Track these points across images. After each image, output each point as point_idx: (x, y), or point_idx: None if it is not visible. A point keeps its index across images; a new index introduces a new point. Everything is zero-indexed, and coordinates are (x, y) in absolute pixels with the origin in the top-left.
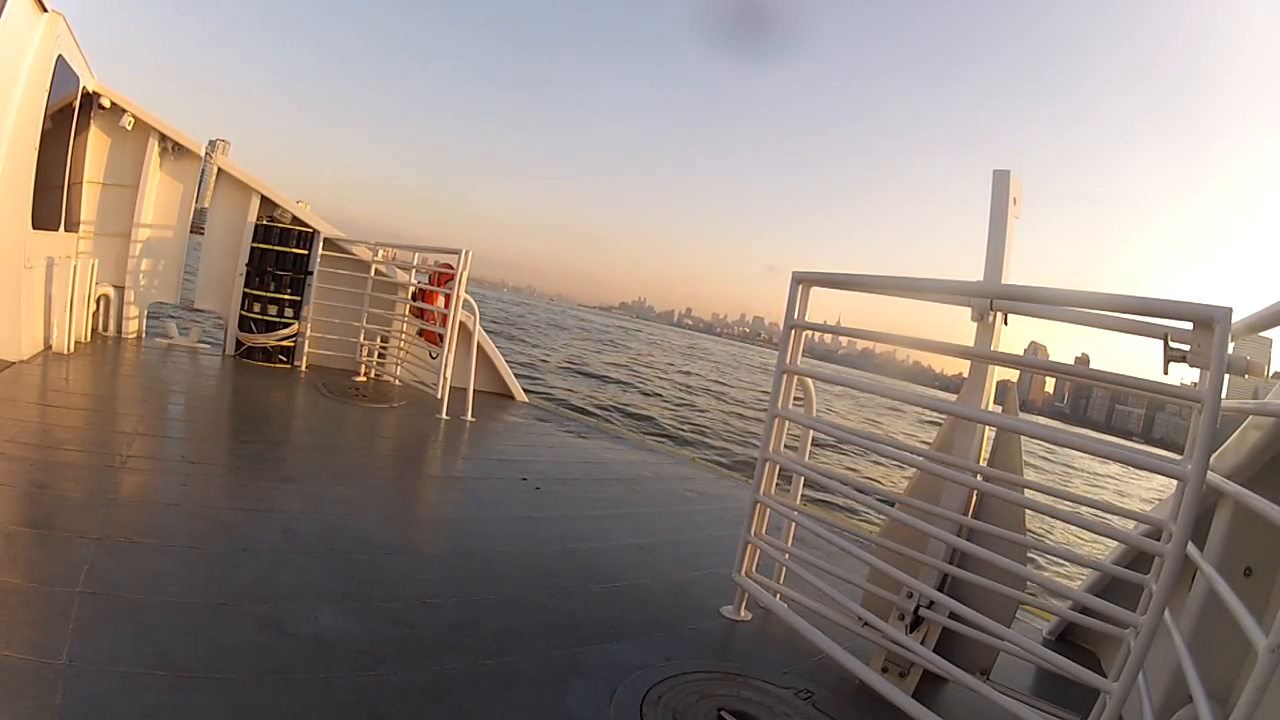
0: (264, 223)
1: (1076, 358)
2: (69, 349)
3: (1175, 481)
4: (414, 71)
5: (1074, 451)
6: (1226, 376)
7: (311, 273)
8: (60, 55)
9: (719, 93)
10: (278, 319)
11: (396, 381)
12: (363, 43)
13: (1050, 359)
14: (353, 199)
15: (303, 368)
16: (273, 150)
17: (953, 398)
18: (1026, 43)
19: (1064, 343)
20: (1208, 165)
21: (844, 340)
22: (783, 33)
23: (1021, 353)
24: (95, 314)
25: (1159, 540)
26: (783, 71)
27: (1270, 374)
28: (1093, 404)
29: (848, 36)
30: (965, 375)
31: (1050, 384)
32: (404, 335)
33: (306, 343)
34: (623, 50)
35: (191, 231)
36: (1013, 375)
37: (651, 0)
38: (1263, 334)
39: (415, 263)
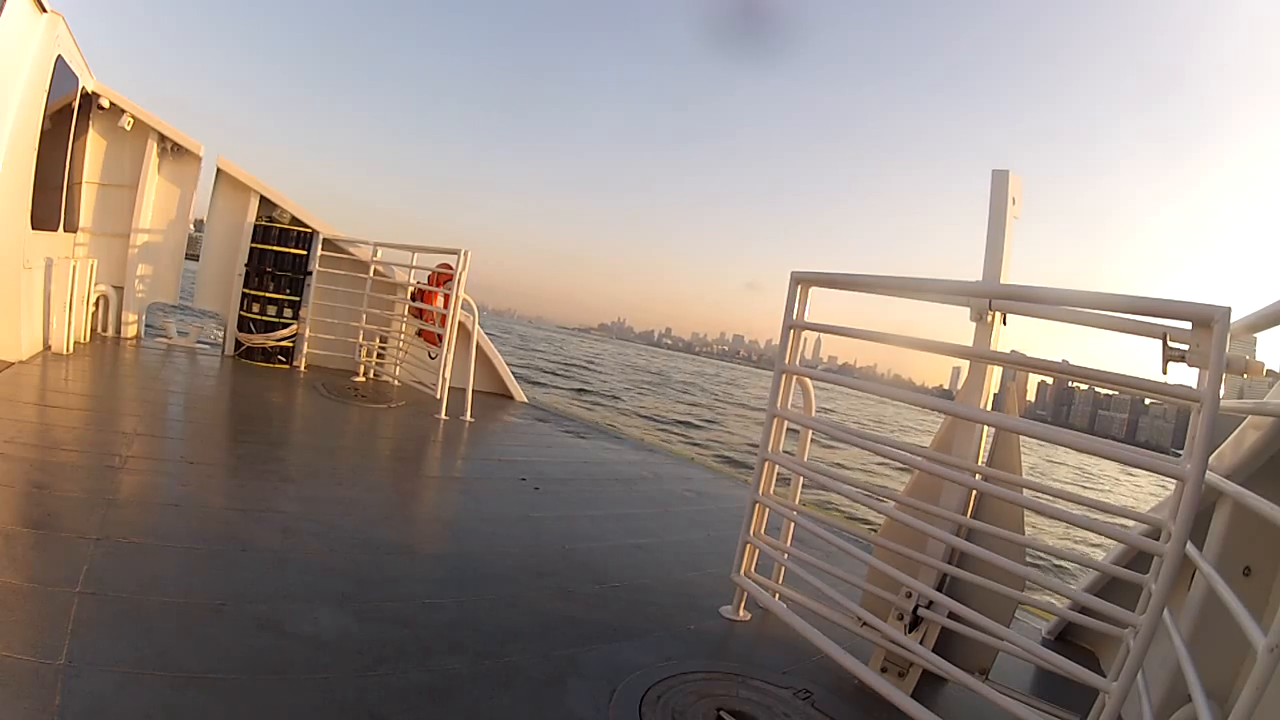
0: (263, 223)
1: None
2: (68, 349)
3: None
4: (392, 92)
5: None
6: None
7: (310, 273)
8: (60, 55)
9: (698, 111)
10: (277, 319)
11: (395, 382)
12: (339, 63)
13: (1023, 356)
14: (328, 218)
15: (302, 368)
16: (251, 167)
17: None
18: (1015, 46)
19: (1045, 347)
20: (1197, 164)
21: (824, 355)
22: (765, 48)
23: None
24: (94, 314)
25: (1158, 540)
26: (764, 88)
27: (1264, 373)
28: (1074, 410)
29: (830, 50)
30: (946, 387)
31: (1033, 391)
32: (403, 335)
33: (305, 343)
34: (603, 71)
35: (186, 258)
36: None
37: (631, 20)
38: (1254, 335)
39: (414, 263)
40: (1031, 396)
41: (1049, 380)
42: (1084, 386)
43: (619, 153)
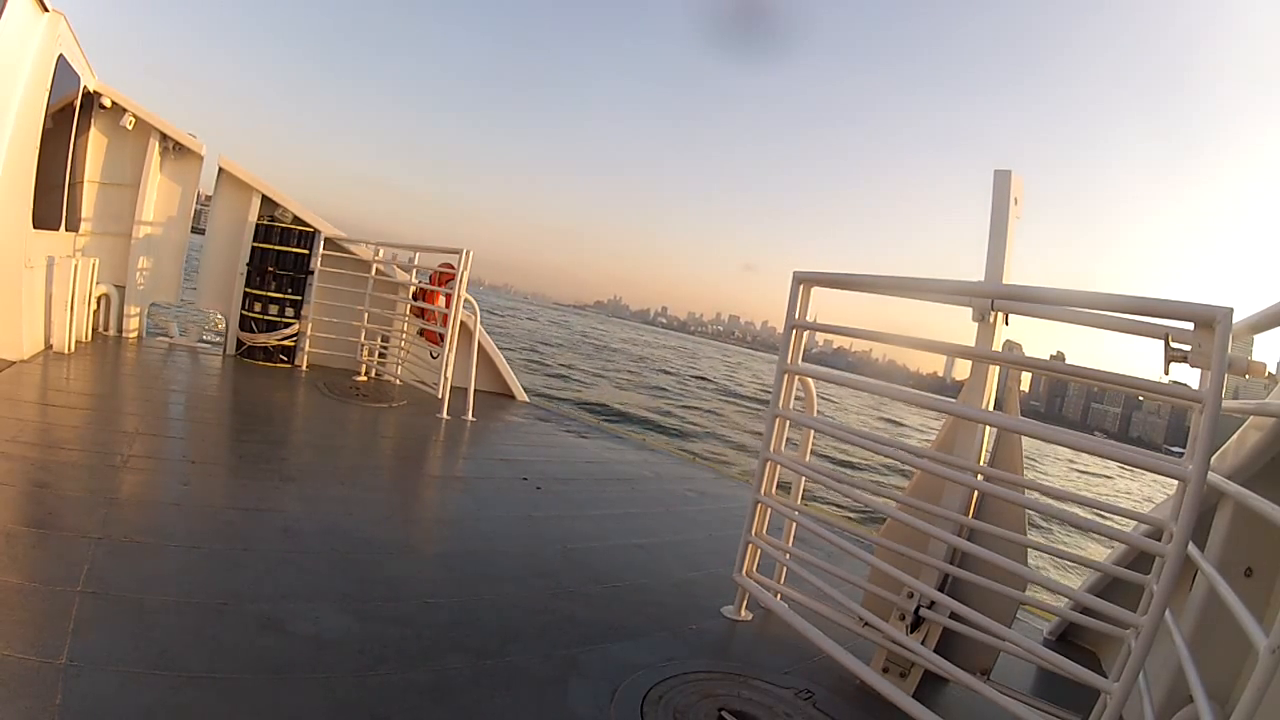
0: (265, 222)
1: (1052, 355)
2: (70, 348)
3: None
4: (395, 70)
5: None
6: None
7: (312, 272)
8: (61, 55)
9: (698, 92)
10: (278, 318)
11: (397, 381)
12: (342, 39)
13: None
14: (329, 195)
15: (303, 367)
16: (244, 144)
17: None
18: (1016, 42)
19: (1041, 342)
20: (1198, 164)
21: (819, 338)
22: (766, 33)
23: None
24: (96, 313)
25: (1160, 540)
26: (764, 72)
27: (1266, 375)
28: (1068, 402)
29: (833, 37)
30: (940, 375)
31: (1026, 382)
32: (405, 335)
33: (307, 342)
34: (607, 52)
35: (192, 231)
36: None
37: (639, 1)
38: (1249, 336)
39: (416, 262)
40: (1025, 387)
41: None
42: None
43: (621, 133)
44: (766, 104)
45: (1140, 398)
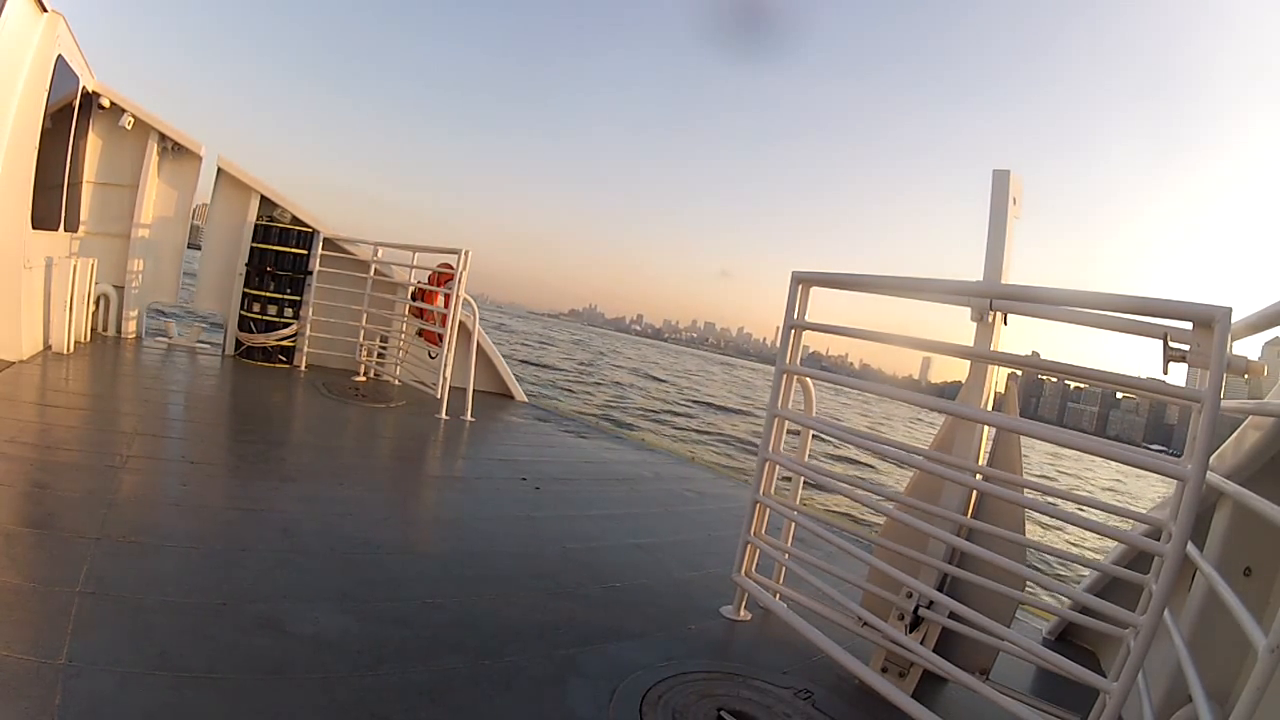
0: (263, 222)
1: (1029, 354)
2: (69, 349)
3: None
4: (363, 78)
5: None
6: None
7: (311, 272)
8: (60, 55)
9: (677, 100)
10: (277, 319)
11: (396, 381)
12: (311, 44)
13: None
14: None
15: (302, 367)
16: (232, 152)
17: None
18: (1005, 40)
19: (1017, 340)
20: (1194, 160)
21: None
22: (749, 40)
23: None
24: (95, 314)
25: (1159, 540)
26: (745, 78)
27: (1264, 374)
28: (1043, 402)
29: (817, 43)
30: (916, 377)
31: (1001, 382)
32: (403, 335)
33: (306, 342)
34: (585, 61)
35: (189, 247)
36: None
37: (614, 6)
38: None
39: (414, 262)
40: (1000, 388)
41: (1018, 373)
42: (1053, 379)
43: (599, 141)
44: (748, 109)
45: (1119, 395)
